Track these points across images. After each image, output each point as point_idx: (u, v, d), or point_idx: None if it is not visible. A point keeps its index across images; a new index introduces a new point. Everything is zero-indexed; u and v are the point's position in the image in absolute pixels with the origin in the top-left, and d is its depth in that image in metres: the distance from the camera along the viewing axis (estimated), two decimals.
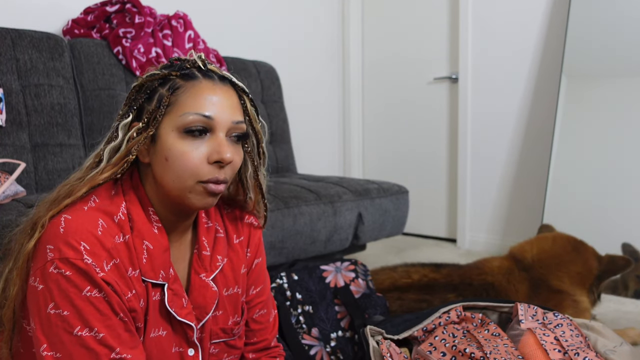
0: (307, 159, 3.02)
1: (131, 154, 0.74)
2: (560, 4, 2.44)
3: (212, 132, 0.74)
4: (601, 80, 2.28)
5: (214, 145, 0.73)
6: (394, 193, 2.13)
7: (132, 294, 0.71)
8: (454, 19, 2.89)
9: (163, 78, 0.75)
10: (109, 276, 0.67)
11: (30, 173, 1.68)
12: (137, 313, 0.72)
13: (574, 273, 1.52)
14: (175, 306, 0.76)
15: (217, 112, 0.73)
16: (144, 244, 0.74)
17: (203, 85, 0.74)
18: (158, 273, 0.75)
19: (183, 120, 0.72)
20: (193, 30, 2.22)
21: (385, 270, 1.59)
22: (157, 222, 0.77)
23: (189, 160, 0.72)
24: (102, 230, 0.69)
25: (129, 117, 0.75)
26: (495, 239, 2.75)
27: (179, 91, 0.74)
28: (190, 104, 0.73)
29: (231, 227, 0.90)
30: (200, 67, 0.76)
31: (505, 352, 0.99)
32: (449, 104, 2.97)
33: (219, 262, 0.85)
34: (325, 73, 3.31)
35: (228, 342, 0.86)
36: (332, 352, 1.29)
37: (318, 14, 3.22)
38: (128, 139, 0.74)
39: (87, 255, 0.66)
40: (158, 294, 0.76)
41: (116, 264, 0.69)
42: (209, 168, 0.73)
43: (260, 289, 0.95)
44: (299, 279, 1.39)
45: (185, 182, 0.72)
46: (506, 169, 2.69)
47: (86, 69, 1.90)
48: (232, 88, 0.78)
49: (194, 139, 0.72)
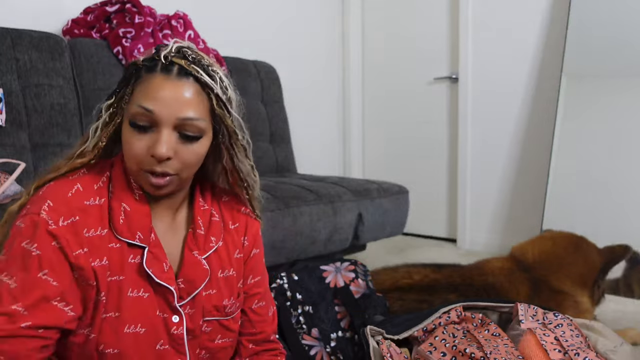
0: (307, 159, 3.02)
1: (101, 141, 0.81)
2: (560, 4, 2.44)
3: (157, 126, 0.75)
4: (601, 80, 2.28)
5: (153, 140, 0.75)
6: (394, 193, 2.13)
7: (83, 252, 0.74)
8: (454, 19, 2.89)
9: (135, 65, 0.79)
10: (59, 230, 0.72)
11: (30, 173, 1.67)
12: (84, 271, 0.75)
13: (575, 274, 1.52)
14: (153, 267, 0.79)
15: (160, 107, 0.74)
16: (121, 207, 0.79)
17: (155, 79, 0.76)
18: (134, 234, 0.79)
19: (131, 111, 0.76)
20: (193, 30, 2.22)
21: (387, 270, 1.59)
22: (138, 189, 0.81)
23: (132, 150, 0.76)
24: (75, 192, 0.76)
25: (112, 99, 0.82)
26: (495, 239, 2.75)
27: (138, 82, 0.78)
28: (139, 97, 0.76)
29: (227, 214, 0.92)
30: (162, 60, 0.77)
31: (505, 352, 0.99)
32: (449, 104, 2.97)
33: (212, 243, 0.87)
34: (325, 73, 3.31)
35: (221, 322, 0.88)
36: (332, 352, 1.29)
37: (318, 14, 3.22)
38: (102, 124, 0.81)
39: (45, 210, 0.72)
40: (138, 257, 0.80)
41: (74, 222, 0.74)
42: (148, 160, 0.76)
43: (259, 279, 0.96)
44: (299, 279, 1.39)
45: (132, 167, 0.78)
46: (506, 169, 2.69)
47: (86, 69, 1.90)
48: (196, 83, 0.77)
49: (139, 130, 0.76)
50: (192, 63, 0.77)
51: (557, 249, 1.59)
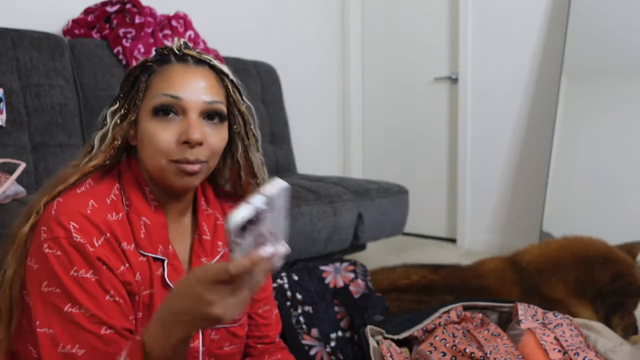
0: (307, 159, 3.02)
1: (116, 140, 0.78)
2: (560, 4, 2.44)
3: (184, 113, 0.75)
4: (601, 80, 2.28)
5: (183, 126, 0.74)
6: (394, 193, 2.13)
7: (125, 268, 0.73)
8: (454, 19, 2.89)
9: (143, 66, 0.78)
10: (99, 251, 0.70)
11: (30, 173, 1.68)
12: (132, 286, 0.73)
13: (571, 280, 1.42)
14: (175, 281, 0.78)
15: (186, 93, 0.74)
16: (141, 220, 0.77)
17: (175, 68, 0.76)
18: (157, 247, 0.77)
19: (154, 102, 0.74)
20: (193, 30, 2.22)
21: (384, 270, 1.58)
22: (153, 200, 0.79)
23: (159, 141, 0.73)
24: (92, 209, 0.72)
25: (116, 104, 0.79)
26: (495, 239, 2.75)
27: (153, 75, 0.77)
28: (160, 86, 0.75)
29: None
30: (176, 52, 0.78)
31: (505, 352, 0.99)
32: (449, 104, 2.97)
33: (219, 247, 0.86)
34: (325, 73, 3.31)
35: (229, 329, 0.87)
36: (332, 352, 1.29)
37: (318, 14, 3.22)
38: (114, 125, 0.78)
39: (76, 233, 0.68)
40: (160, 269, 0.78)
41: (107, 239, 0.71)
42: (179, 148, 0.74)
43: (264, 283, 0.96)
44: (299, 279, 1.39)
45: (159, 161, 0.74)
46: (506, 168, 2.69)
47: (86, 69, 1.90)
48: (211, 70, 0.79)
49: (164, 119, 0.74)
50: (201, 54, 0.79)
51: (562, 252, 1.49)
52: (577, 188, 2.25)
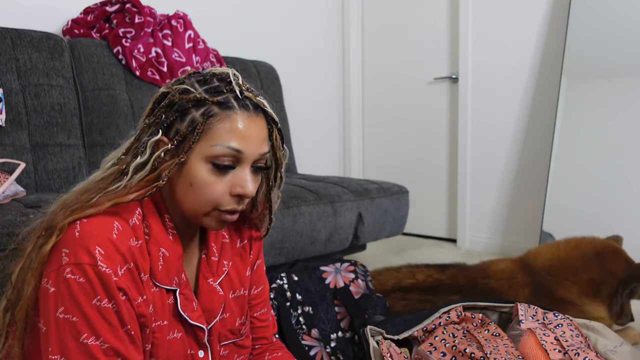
0: (307, 159, 3.02)
1: (162, 179, 0.72)
2: (560, 4, 2.44)
3: (239, 164, 0.74)
4: (601, 80, 2.28)
5: (239, 180, 0.73)
6: (394, 193, 2.13)
7: (142, 300, 0.71)
8: (454, 19, 2.89)
9: (196, 100, 0.72)
10: (122, 281, 0.67)
11: (30, 173, 1.67)
12: (146, 318, 0.72)
13: (585, 281, 1.43)
14: (187, 310, 0.78)
15: (247, 147, 0.73)
16: (160, 251, 0.74)
17: (238, 117, 0.72)
18: (172, 279, 0.76)
19: (213, 151, 0.71)
20: (193, 30, 2.22)
21: (390, 270, 1.58)
22: (172, 229, 0.77)
23: (213, 191, 0.72)
24: (118, 233, 0.69)
25: (158, 134, 0.73)
26: (495, 239, 2.75)
27: (213, 119, 0.71)
28: (223, 135, 0.71)
29: (234, 233, 0.91)
30: (237, 95, 0.73)
31: (505, 352, 0.99)
32: (449, 104, 2.97)
33: (225, 267, 0.86)
34: (325, 73, 3.31)
35: (237, 343, 0.88)
36: (332, 352, 1.29)
37: (318, 14, 3.22)
38: (156, 157, 0.72)
39: (101, 260, 0.66)
40: (171, 298, 0.77)
41: (129, 269, 0.69)
42: (230, 199, 0.74)
43: (262, 288, 0.97)
44: (299, 279, 1.39)
45: (204, 208, 0.74)
46: (506, 169, 2.69)
47: (86, 69, 1.90)
48: (264, 117, 0.76)
49: (221, 170, 0.73)
50: (256, 95, 0.76)
51: (574, 255, 1.49)
52: (577, 188, 2.25)
